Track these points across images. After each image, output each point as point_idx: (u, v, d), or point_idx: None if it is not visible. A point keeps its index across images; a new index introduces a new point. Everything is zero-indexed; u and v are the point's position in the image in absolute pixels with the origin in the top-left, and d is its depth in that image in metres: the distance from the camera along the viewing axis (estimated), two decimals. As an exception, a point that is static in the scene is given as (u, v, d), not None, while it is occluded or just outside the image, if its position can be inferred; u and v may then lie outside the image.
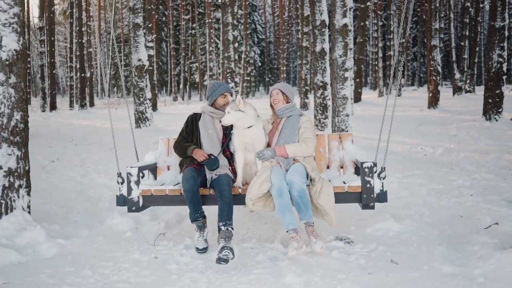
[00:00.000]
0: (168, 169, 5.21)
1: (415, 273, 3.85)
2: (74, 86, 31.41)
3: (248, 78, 46.73)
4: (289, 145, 4.56)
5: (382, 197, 4.46)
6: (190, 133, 4.91)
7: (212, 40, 33.83)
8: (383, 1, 33.50)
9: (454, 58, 26.53)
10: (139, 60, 13.98)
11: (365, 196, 4.43)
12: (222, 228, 4.19)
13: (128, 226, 5.17)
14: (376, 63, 32.26)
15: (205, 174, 4.60)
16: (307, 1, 18.49)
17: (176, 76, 48.32)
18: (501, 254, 4.10)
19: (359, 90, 23.54)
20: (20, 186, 5.10)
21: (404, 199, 6.37)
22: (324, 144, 5.12)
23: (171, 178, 5.06)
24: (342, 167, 5.11)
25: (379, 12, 31.50)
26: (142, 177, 4.84)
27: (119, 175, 4.66)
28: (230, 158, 4.79)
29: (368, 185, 4.42)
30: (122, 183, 4.67)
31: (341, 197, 4.46)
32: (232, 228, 4.23)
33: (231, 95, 4.94)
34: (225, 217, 4.23)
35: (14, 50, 4.98)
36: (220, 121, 4.57)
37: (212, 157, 4.58)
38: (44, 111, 28.60)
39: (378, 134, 4.94)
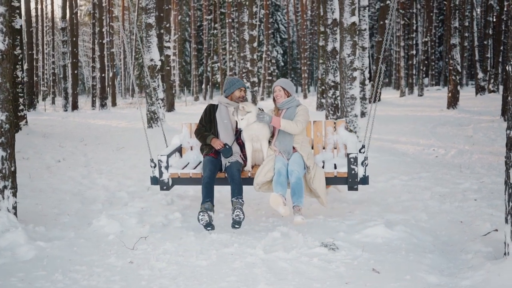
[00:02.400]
0: (191, 149, 6.19)
1: (396, 284, 3.66)
2: (97, 86, 31.68)
3: (270, 77, 46.52)
4: (284, 120, 5.35)
5: (364, 180, 5.40)
6: (208, 122, 5.72)
7: (232, 40, 33.79)
8: (406, 0, 32.88)
9: (477, 57, 25.85)
10: (151, 60, 13.96)
11: (350, 180, 5.29)
12: (234, 200, 5.05)
13: (113, 229, 5.07)
14: (398, 62, 31.68)
15: (221, 161, 5.51)
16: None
17: (200, 76, 48.51)
18: (492, 264, 3.88)
19: (379, 90, 23.10)
20: (5, 187, 5.06)
21: (404, 203, 6.14)
22: (321, 129, 5.97)
23: (194, 158, 6.08)
24: (335, 149, 5.96)
25: (401, 10, 30.92)
26: (171, 155, 5.80)
27: (152, 160, 5.67)
28: (242, 145, 5.63)
29: (353, 172, 5.27)
30: (154, 167, 5.66)
31: (331, 180, 5.41)
32: (242, 200, 5.09)
33: (245, 90, 5.80)
34: (236, 193, 5.12)
35: (-1, 50, 4.93)
36: (239, 129, 5.41)
37: (227, 146, 5.46)
38: (66, 110, 28.97)
39: (391, 136, 5.37)
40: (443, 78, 47.48)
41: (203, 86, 45.97)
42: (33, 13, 40.84)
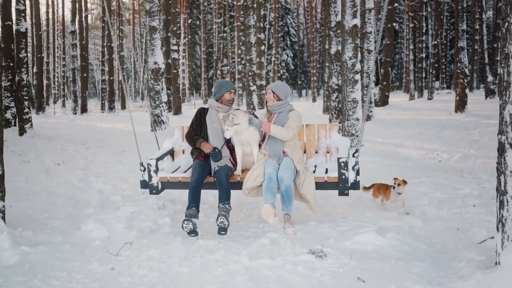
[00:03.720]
0: (183, 152, 6.15)
1: (380, 293, 3.53)
2: (106, 89, 31.81)
3: (280, 81, 46.41)
4: (274, 126, 5.26)
5: (355, 185, 5.26)
6: (199, 125, 5.65)
7: (241, 43, 33.73)
8: (416, 3, 32.60)
9: (486, 61, 25.51)
10: (155, 63, 13.91)
11: (340, 185, 5.18)
12: (221, 205, 4.95)
13: (100, 234, 5.00)
14: (408, 65, 31.40)
15: (211, 165, 5.43)
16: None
17: (209, 79, 48.51)
18: (482, 274, 3.75)
19: (386, 93, 22.88)
20: (-8, 191, 5.01)
21: (400, 209, 5.99)
22: (314, 133, 5.83)
23: (185, 162, 6.04)
24: (328, 153, 5.81)
25: (410, 13, 30.65)
26: (162, 159, 5.80)
27: (141, 164, 5.71)
28: (232, 149, 5.56)
29: (343, 176, 5.16)
30: (144, 171, 5.70)
31: (321, 185, 5.26)
32: (229, 206, 4.99)
33: (235, 92, 5.69)
34: (223, 198, 5.02)
35: (-14, 53, 4.89)
36: (225, 137, 5.33)
37: (216, 150, 5.37)
38: (75, 113, 29.11)
39: (396, 139, 5.25)
40: (454, 81, 47.10)
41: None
42: (44, 16, 41.21)
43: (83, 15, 30.66)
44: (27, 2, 33.52)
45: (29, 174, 8.44)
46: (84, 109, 28.93)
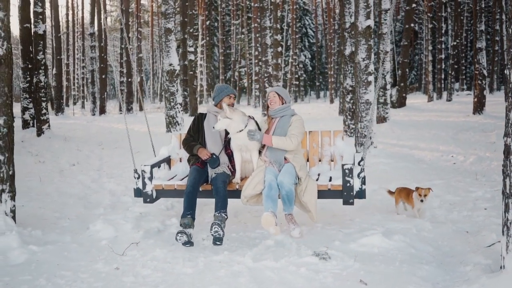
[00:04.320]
0: (181, 160, 5.89)
1: (382, 296, 3.51)
2: (124, 91, 32.09)
3: (297, 82, 46.33)
4: (276, 136, 5.05)
5: (361, 194, 4.96)
6: (196, 131, 5.45)
7: (258, 45, 33.75)
8: (436, 3, 32.25)
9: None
10: (170, 64, 14.01)
11: (345, 193, 4.88)
12: (216, 214, 4.73)
13: (108, 234, 5.05)
14: (427, 66, 31.09)
15: (208, 172, 5.19)
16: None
17: (227, 81, 48.60)
18: (487, 278, 3.69)
19: (404, 95, 22.67)
20: (2, 190, 5.09)
21: (410, 212, 5.94)
22: (317, 140, 5.59)
23: (183, 170, 5.77)
24: (332, 161, 5.56)
25: (429, 14, 30.34)
26: (159, 167, 5.58)
27: (135, 171, 5.39)
28: (231, 155, 5.33)
29: (348, 184, 4.86)
30: (138, 178, 5.38)
31: (325, 194, 4.96)
32: (226, 214, 4.76)
33: (235, 96, 5.50)
34: (220, 207, 4.79)
35: (-3, 54, 4.98)
36: (214, 127, 5.10)
37: (214, 156, 5.16)
38: (94, 114, 29.46)
39: (410, 141, 5.12)
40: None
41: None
42: (64, 18, 41.79)
43: (102, 17, 31.00)
44: (47, 5, 34.05)
45: (44, 175, 8.56)
46: (102, 110, 29.25)
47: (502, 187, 3.72)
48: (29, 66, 14.48)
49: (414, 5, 19.88)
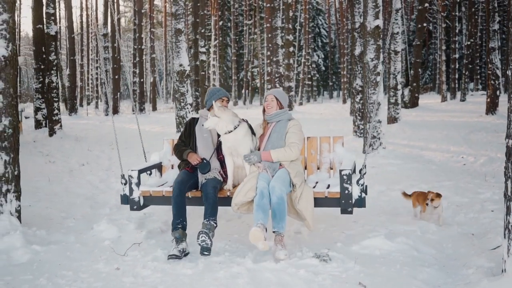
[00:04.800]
0: (172, 167, 5.57)
1: (380, 299, 3.48)
2: (137, 91, 32.31)
3: (310, 82, 46.19)
4: (274, 150, 4.72)
5: (360, 202, 4.57)
6: (188, 136, 5.21)
7: (269, 45, 33.77)
8: (450, 3, 31.96)
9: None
10: (181, 65, 14.04)
11: (343, 201, 4.50)
12: (205, 221, 4.45)
13: (111, 234, 5.08)
14: (440, 66, 30.82)
15: (198, 177, 4.90)
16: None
17: (240, 81, 48.67)
18: (489, 281, 3.65)
19: (416, 95, 22.50)
20: (8, 190, 5.15)
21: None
22: (315, 146, 5.24)
23: (173, 177, 5.28)
24: (332, 169, 5.18)
25: (443, 13, 30.08)
26: (150, 174, 5.34)
27: (122, 176, 5.08)
28: (223, 161, 5.01)
29: (346, 191, 4.48)
30: (125, 184, 5.05)
31: (321, 202, 4.61)
32: (215, 222, 4.49)
33: (228, 100, 5.17)
34: (209, 214, 4.52)
35: (2, 56, 5.04)
36: (203, 125, 4.95)
37: (204, 161, 4.90)
38: (107, 115, 29.67)
39: (421, 142, 4.93)
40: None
41: (243, 91, 46.12)
42: (78, 19, 42.16)
43: (115, 17, 31.21)
44: (62, 6, 34.39)
45: (53, 175, 8.64)
46: (115, 111, 29.44)
47: (504, 190, 3.67)
48: (42, 66, 14.63)
49: (427, 4, 19.68)
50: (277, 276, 3.87)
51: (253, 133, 4.99)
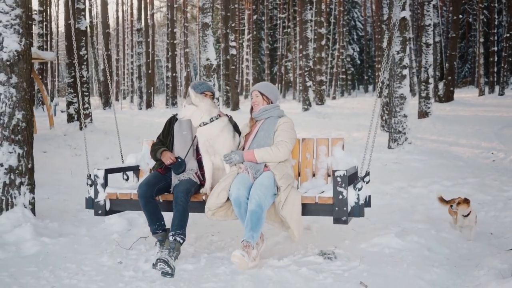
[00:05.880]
0: (151, 171, 4.83)
1: (379, 300, 3.36)
2: (170, 85, 32.64)
3: (344, 76, 45.64)
4: (259, 149, 4.13)
5: (357, 210, 3.82)
6: (167, 135, 4.71)
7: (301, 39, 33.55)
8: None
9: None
10: (207, 59, 14.05)
11: (336, 208, 3.81)
12: (170, 238, 3.96)
13: (120, 227, 5.12)
14: (478, 59, 29.91)
15: (171, 179, 4.38)
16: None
17: (274, 75, 48.50)
18: (497, 284, 3.47)
19: (451, 89, 21.89)
20: (21, 183, 5.23)
21: (433, 211, 5.73)
22: (311, 149, 4.52)
23: None
24: (329, 175, 4.39)
25: (481, 5, 29.16)
26: (127, 179, 4.94)
27: (89, 177, 4.58)
28: (201, 162, 4.46)
29: (340, 197, 3.79)
30: (90, 186, 4.56)
31: (311, 208, 3.94)
32: (182, 238, 3.99)
33: (213, 94, 4.62)
34: (176, 226, 3.99)
35: (15, 50, 5.11)
36: (176, 114, 4.47)
37: (179, 160, 4.36)
38: (140, 109, 30.08)
39: (451, 137, 4.55)
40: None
41: (277, 85, 46.00)
42: (114, 15, 42.82)
43: (149, 13, 31.55)
44: (98, 1, 34.95)
45: (76, 168, 8.77)
46: (149, 105, 29.82)
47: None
48: (73, 61, 14.88)
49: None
50: (278, 273, 3.78)
51: (237, 131, 4.50)
